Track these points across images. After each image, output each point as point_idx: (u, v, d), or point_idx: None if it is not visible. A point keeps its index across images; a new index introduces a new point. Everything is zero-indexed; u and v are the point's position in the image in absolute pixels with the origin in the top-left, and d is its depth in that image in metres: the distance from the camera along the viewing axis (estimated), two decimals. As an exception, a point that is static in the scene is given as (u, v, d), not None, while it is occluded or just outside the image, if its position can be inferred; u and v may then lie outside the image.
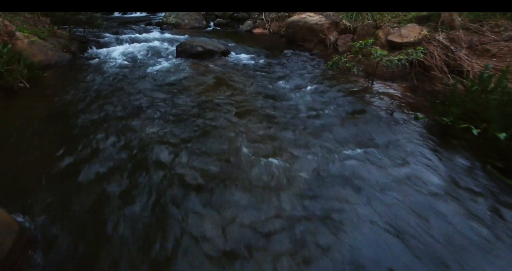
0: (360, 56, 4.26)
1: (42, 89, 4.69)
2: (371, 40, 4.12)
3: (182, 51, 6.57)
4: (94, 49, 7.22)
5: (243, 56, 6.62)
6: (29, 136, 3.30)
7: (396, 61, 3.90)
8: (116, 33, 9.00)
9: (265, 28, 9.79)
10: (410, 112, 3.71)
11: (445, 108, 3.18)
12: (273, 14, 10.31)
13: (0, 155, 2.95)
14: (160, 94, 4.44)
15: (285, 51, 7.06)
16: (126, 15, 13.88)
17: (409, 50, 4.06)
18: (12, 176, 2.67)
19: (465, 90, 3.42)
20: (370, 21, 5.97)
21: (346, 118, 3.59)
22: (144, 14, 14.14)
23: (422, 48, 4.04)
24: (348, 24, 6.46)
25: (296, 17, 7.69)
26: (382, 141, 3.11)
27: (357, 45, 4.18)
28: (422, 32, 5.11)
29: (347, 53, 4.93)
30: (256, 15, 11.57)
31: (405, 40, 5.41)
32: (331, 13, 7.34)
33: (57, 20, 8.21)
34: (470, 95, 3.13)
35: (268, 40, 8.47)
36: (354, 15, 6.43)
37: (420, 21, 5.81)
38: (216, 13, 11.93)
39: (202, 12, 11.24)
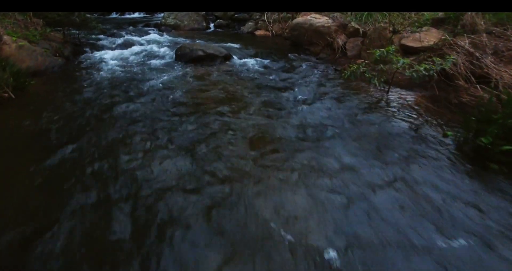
0: (382, 65, 3.80)
1: (28, 100, 4.25)
2: (392, 47, 3.67)
3: (182, 56, 6.13)
4: (89, 53, 6.78)
5: (246, 61, 6.18)
6: (6, 157, 2.87)
7: (423, 72, 3.46)
8: (113, 35, 8.56)
9: (268, 30, 9.35)
10: (437, 128, 3.28)
11: (481, 126, 2.76)
12: (275, 15, 9.87)
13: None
14: (156, 110, 4.00)
15: (290, 55, 6.62)
16: (124, 16, 13.42)
17: (435, 59, 3.62)
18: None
19: (500, 104, 3.00)
20: (382, 24, 5.53)
21: (364, 137, 3.16)
22: (142, 14, 13.69)
23: (452, 56, 3.60)
24: (357, 26, 6.03)
25: (301, 19, 7.25)
26: (409, 167, 2.68)
27: (377, 54, 3.73)
28: (441, 37, 4.68)
29: (364, 60, 4.48)
30: (257, 16, 11.13)
31: (421, 44, 4.98)
32: (338, 15, 6.91)
33: (50, 22, 7.79)
34: (509, 111, 2.71)
35: (272, 43, 8.03)
36: (363, 17, 6.00)
37: (435, 24, 5.38)
38: (216, 14, 11.48)
39: (202, 13, 10.78)
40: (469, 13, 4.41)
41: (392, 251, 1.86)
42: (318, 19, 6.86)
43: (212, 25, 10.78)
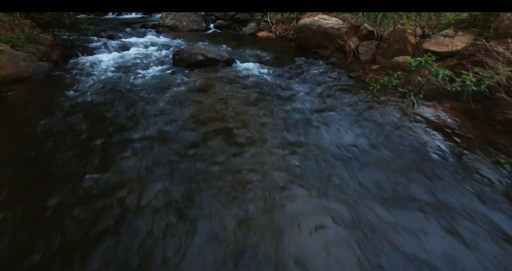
0: (420, 79, 3.18)
1: (5, 112, 3.66)
2: (432, 57, 3.07)
3: (180, 60, 5.54)
4: (80, 57, 6.17)
5: (250, 66, 5.59)
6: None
7: (473, 88, 2.86)
8: (108, 37, 7.95)
9: (271, 31, 8.76)
10: (484, 152, 2.71)
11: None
12: (278, 16, 9.28)
13: None
14: (149, 134, 3.42)
15: (296, 59, 6.03)
16: (121, 16, 12.80)
17: (480, 70, 3.02)
18: None
19: None
20: (400, 26, 4.94)
21: (397, 168, 2.58)
22: (140, 15, 13.08)
23: (506, 69, 3.01)
24: (371, 28, 5.44)
25: (307, 20, 6.65)
26: (459, 214, 2.10)
27: (413, 63, 3.12)
28: (469, 41, 4.10)
29: (393, 71, 3.89)
30: (259, 17, 10.55)
31: (446, 49, 4.40)
32: (348, 16, 6.32)
33: (40, 24, 7.19)
34: None
35: (276, 46, 7.43)
36: (378, 18, 5.41)
37: (459, 26, 4.80)
38: (216, 15, 10.88)
39: (201, 13, 10.18)
40: (506, 14, 3.83)
41: None
42: (327, 20, 6.27)
43: (212, 26, 10.18)
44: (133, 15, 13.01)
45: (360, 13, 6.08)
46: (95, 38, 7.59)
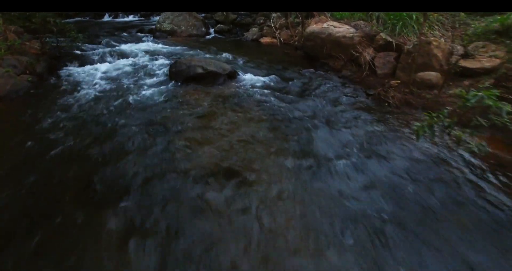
0: (478, 119, 2.53)
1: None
2: (495, 91, 2.45)
3: (177, 73, 4.94)
4: (69, 68, 5.57)
5: (255, 79, 5.00)
6: None
7: None
8: (101, 44, 7.36)
9: (274, 37, 8.16)
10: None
11: None
12: (282, 20, 8.68)
13: None
14: (139, 153, 2.85)
15: (305, 71, 5.45)
16: (117, 19, 12.19)
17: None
18: None
19: None
20: (424, 37, 4.36)
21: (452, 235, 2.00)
22: (137, 18, 12.46)
23: None
24: (389, 39, 4.86)
25: (316, 27, 6.06)
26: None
27: (472, 99, 2.47)
28: (502, 55, 3.52)
29: (443, 109, 3.29)
30: (261, 21, 9.96)
31: (480, 65, 3.82)
32: (361, 24, 5.73)
33: (28, 30, 6.63)
34: None
35: (281, 54, 6.84)
36: (397, 27, 4.82)
37: (490, 37, 4.22)
38: (217, 18, 10.28)
39: (201, 17, 9.57)
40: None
41: None
42: (338, 28, 5.68)
43: (212, 30, 9.57)
44: (130, 17, 12.40)
45: (375, 21, 5.49)
46: (87, 45, 7.00)
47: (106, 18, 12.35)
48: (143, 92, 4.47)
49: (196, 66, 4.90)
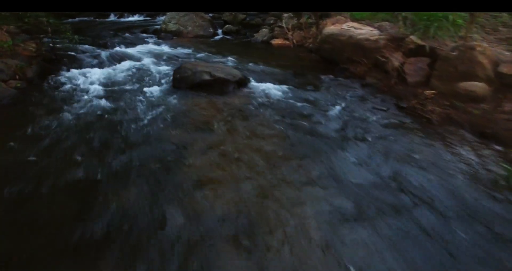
0: None
1: None
2: None
3: (181, 80, 4.39)
4: (64, 73, 5.03)
5: (268, 87, 4.42)
6: None
7: None
8: (102, 45, 6.84)
9: (286, 39, 7.56)
10: None
11: None
12: (294, 21, 8.08)
13: None
14: (134, 181, 2.30)
15: (323, 78, 4.85)
16: (122, 19, 11.68)
17: None
18: None
19: None
20: (463, 41, 3.74)
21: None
22: (142, 17, 11.93)
23: None
24: (420, 43, 4.24)
25: (334, 28, 5.46)
26: None
27: None
28: None
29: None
30: (271, 21, 9.37)
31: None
32: (387, 25, 5.11)
33: (25, 30, 6.14)
34: None
35: (294, 57, 6.25)
36: (432, 29, 4.20)
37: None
38: (225, 18, 9.71)
39: (208, 17, 9.00)
40: None
41: None
42: (359, 30, 5.08)
43: (220, 31, 9.00)
44: (136, 17, 11.89)
45: (401, 22, 4.87)
46: (87, 47, 6.47)
47: (112, 17, 11.85)
48: (142, 103, 3.92)
49: (203, 72, 4.33)
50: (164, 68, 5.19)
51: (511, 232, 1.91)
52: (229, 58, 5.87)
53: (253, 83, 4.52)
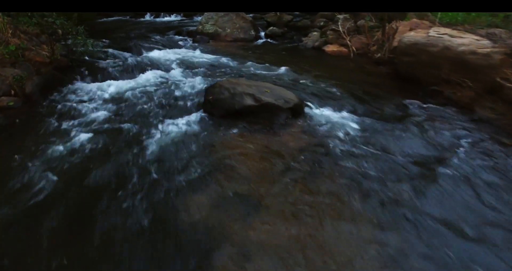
0: None
1: None
2: None
3: (216, 104, 3.20)
4: (74, 86, 4.05)
5: (331, 117, 3.14)
6: None
7: None
8: (127, 49, 5.84)
9: (343, 45, 6.18)
10: None
11: None
12: (351, 23, 6.68)
13: None
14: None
15: (406, 103, 3.48)
16: (158, 19, 10.79)
17: None
18: None
19: None
20: None
21: None
22: (179, 17, 10.98)
23: None
24: None
25: (417, 35, 4.04)
26: None
27: None
28: None
29: None
30: (321, 24, 7.99)
31: None
32: (501, 33, 3.62)
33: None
34: None
35: (357, 71, 4.88)
36: None
37: None
38: (269, 20, 8.49)
39: (249, 18, 7.79)
40: None
41: None
42: (458, 39, 3.63)
43: (262, 34, 7.76)
44: (172, 17, 10.96)
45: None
46: (111, 50, 5.48)
47: (147, 17, 11.01)
48: (163, 135, 2.80)
49: (244, 94, 3.12)
50: (195, 82, 4.04)
51: None
52: (275, 69, 4.63)
53: (312, 110, 3.24)
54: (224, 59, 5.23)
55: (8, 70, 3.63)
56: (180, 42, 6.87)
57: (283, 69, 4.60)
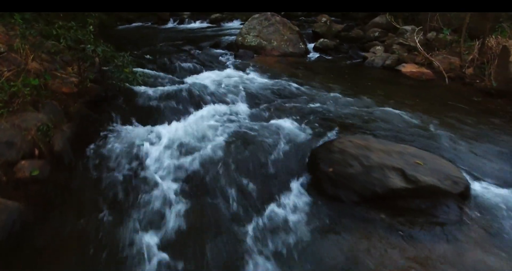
0: None
1: None
2: None
3: (339, 181, 2.10)
4: (116, 132, 2.99)
5: (507, 198, 2.02)
6: None
7: None
8: (167, 69, 4.79)
9: (420, 64, 5.06)
10: None
11: None
12: (420, 35, 5.57)
13: None
14: None
15: None
16: (182, 26, 9.77)
17: None
18: None
19: None
20: None
21: None
22: (205, 24, 9.97)
23: None
24: None
25: None
26: None
27: None
28: None
29: None
30: (377, 34, 6.87)
31: None
32: None
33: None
34: None
35: (472, 106, 3.75)
36: None
37: None
38: (317, 30, 7.37)
39: (296, 29, 6.66)
40: None
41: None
42: None
43: (311, 46, 6.65)
44: (197, 24, 9.91)
45: None
46: (147, 71, 4.40)
47: (170, 24, 9.97)
48: (258, 232, 1.70)
49: (387, 168, 2.02)
50: (277, 128, 2.94)
51: None
52: (370, 104, 3.55)
53: (478, 197, 2.14)
54: (293, 86, 4.14)
55: (30, 117, 2.55)
56: (221, 58, 5.81)
57: (388, 108, 3.46)
